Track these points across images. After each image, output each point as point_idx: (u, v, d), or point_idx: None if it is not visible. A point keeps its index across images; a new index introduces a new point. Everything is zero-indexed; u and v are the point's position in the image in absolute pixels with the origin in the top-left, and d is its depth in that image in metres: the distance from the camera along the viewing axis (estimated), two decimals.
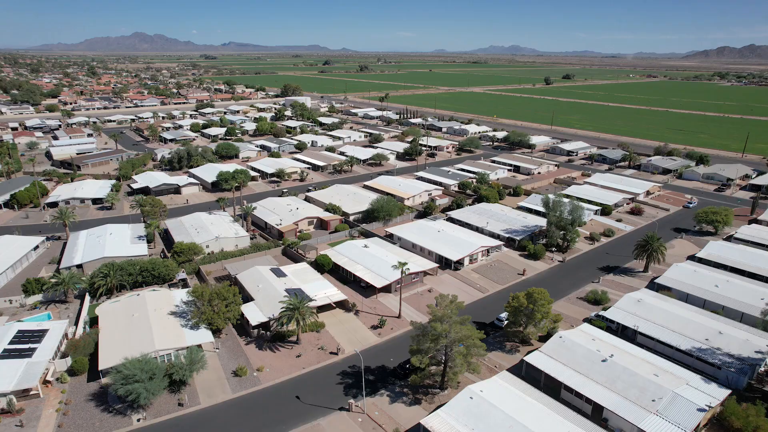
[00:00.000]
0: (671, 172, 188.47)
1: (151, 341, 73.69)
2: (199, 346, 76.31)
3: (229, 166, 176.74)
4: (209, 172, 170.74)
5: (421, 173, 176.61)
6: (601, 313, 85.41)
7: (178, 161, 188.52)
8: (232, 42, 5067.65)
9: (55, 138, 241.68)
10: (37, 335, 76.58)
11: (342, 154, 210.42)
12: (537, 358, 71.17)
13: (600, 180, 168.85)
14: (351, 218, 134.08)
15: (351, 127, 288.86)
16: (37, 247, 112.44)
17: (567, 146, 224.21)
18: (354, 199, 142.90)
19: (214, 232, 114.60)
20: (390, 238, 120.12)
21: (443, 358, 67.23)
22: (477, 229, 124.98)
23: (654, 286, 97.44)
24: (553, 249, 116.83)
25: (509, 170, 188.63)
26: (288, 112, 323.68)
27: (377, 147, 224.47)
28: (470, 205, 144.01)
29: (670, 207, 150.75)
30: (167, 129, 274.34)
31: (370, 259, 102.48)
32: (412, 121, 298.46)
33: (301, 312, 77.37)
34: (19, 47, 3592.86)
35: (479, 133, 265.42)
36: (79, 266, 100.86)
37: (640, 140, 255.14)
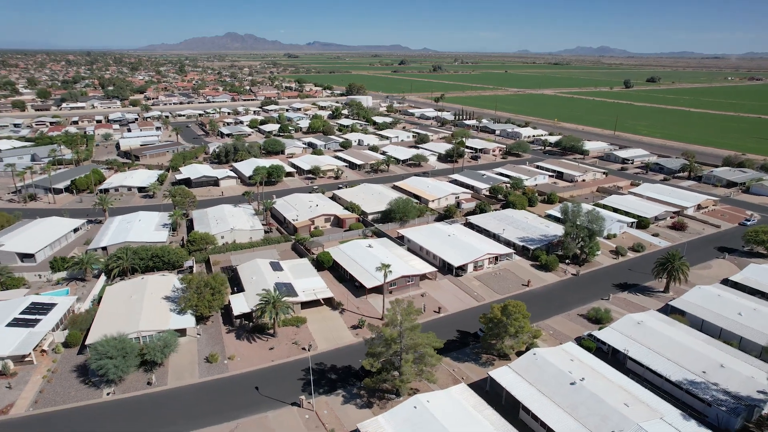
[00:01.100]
0: (737, 185, 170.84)
1: (137, 322, 78.69)
2: (182, 330, 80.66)
3: (270, 161, 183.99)
4: (249, 166, 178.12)
5: (455, 176, 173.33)
6: (595, 332, 79.69)
7: (225, 155, 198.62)
8: (317, 41, 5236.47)
9: (129, 130, 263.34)
10: (46, 308, 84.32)
11: (383, 153, 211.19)
12: (502, 374, 67.86)
13: (647, 190, 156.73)
14: (369, 217, 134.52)
15: (404, 127, 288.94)
16: (77, 229, 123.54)
17: (623, 153, 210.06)
18: (377, 198, 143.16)
19: (231, 224, 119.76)
20: (401, 239, 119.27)
21: (399, 363, 66.03)
22: (493, 236, 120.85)
23: (668, 308, 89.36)
24: (568, 261, 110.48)
25: (551, 176, 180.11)
26: (345, 111, 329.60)
27: (420, 148, 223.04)
28: (497, 210, 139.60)
29: (723, 224, 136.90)
30: (228, 124, 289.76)
31: (370, 259, 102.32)
32: (467, 122, 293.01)
33: (276, 306, 79.07)
34: (129, 47, 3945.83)
35: (532, 136, 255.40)
36: (104, 248, 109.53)
37: (713, 149, 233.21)
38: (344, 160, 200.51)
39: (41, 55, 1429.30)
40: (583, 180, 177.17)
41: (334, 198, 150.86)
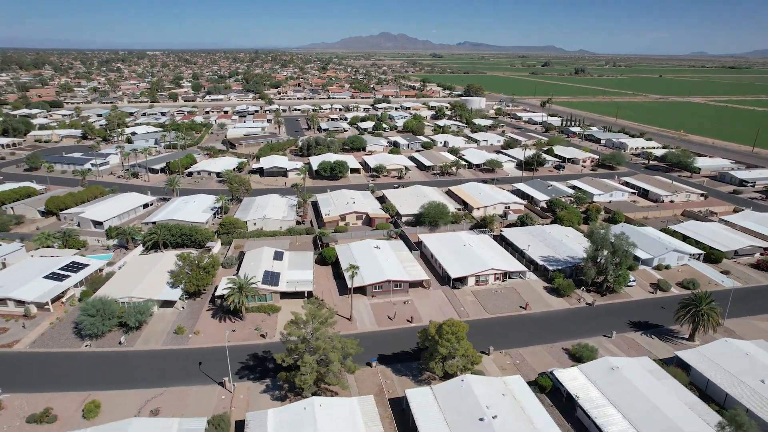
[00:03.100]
0: None
1: (132, 289, 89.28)
2: (171, 302, 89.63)
3: (344, 157, 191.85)
4: (320, 160, 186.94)
5: (520, 185, 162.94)
6: (557, 370, 70.72)
7: (307, 148, 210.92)
8: (467, 41, 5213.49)
9: (244, 121, 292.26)
10: (79, 267, 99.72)
11: (461, 157, 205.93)
12: (416, 396, 64.06)
13: (744, 219, 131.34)
14: (403, 219, 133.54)
15: (503, 131, 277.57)
16: (147, 204, 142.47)
17: (743, 174, 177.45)
18: (420, 201, 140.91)
19: (264, 212, 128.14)
20: (419, 244, 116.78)
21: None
22: (519, 252, 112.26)
23: (674, 359, 75.44)
24: (590, 288, 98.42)
25: (633, 193, 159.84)
26: (448, 112, 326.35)
27: (504, 153, 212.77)
28: (544, 224, 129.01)
29: None
30: (333, 120, 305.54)
31: (369, 260, 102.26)
32: (573, 129, 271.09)
33: (243, 291, 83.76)
34: (292, 46, 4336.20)
35: (640, 148, 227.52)
36: (154, 223, 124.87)
37: None
38: (416, 161, 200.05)
39: (219, 53, 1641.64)
40: (671, 201, 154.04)
41: (382, 197, 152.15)
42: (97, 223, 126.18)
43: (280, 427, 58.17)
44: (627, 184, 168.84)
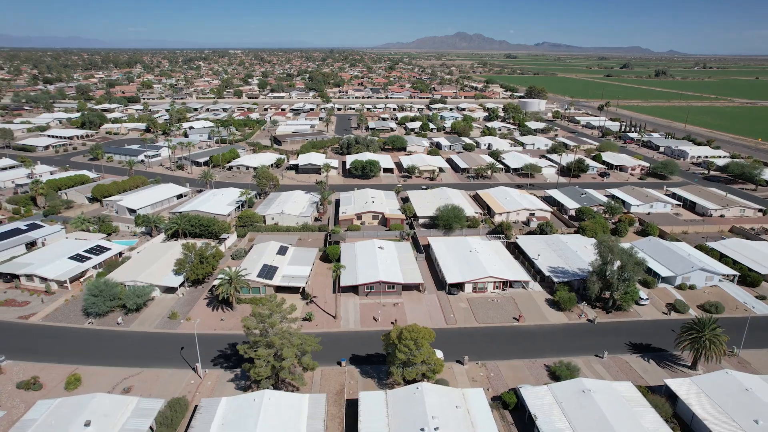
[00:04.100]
0: None
1: (139, 274, 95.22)
2: (173, 288, 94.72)
3: (382, 157, 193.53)
4: (355, 159, 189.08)
5: (552, 191, 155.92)
6: (523, 387, 67.35)
7: (347, 147, 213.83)
8: (546, 42, 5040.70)
9: (297, 119, 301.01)
10: (102, 251, 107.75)
11: (500, 160, 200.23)
12: (365, 398, 63.51)
13: None
14: (420, 221, 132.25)
15: (555, 135, 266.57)
16: (181, 195, 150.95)
17: None
18: (439, 204, 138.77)
19: (283, 208, 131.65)
20: (427, 247, 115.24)
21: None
22: (529, 261, 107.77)
23: (663, 388, 69.33)
24: (596, 304, 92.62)
25: (677, 205, 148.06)
26: (501, 114, 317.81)
27: (547, 158, 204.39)
28: (567, 234, 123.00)
29: None
30: (384, 119, 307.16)
31: (369, 260, 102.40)
32: (631, 135, 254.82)
33: (232, 283, 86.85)
34: (367, 45, 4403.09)
35: (702, 157, 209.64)
36: (181, 213, 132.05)
37: None
38: (452, 163, 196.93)
39: (296, 53, 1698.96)
40: (720, 215, 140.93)
41: (406, 198, 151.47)
42: (132, 211, 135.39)
43: (226, 415, 59.95)
44: (674, 195, 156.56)
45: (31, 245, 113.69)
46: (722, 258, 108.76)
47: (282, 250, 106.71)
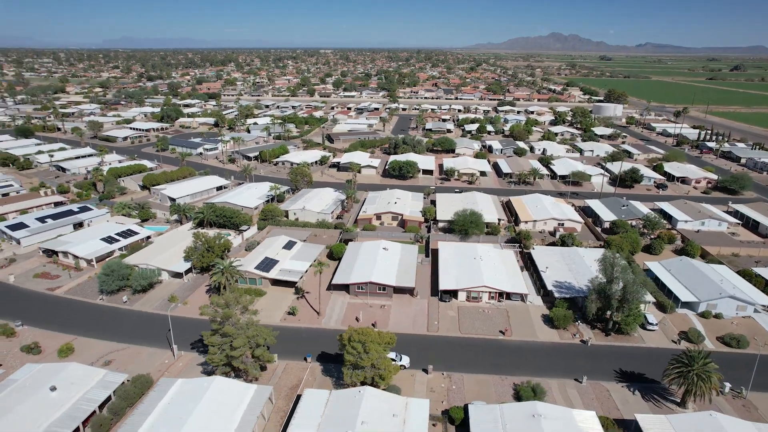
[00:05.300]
0: None
1: (154, 258, 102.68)
2: (180, 273, 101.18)
3: (426, 158, 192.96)
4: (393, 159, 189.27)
5: (590, 201, 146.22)
6: (472, 405, 64.46)
7: (394, 147, 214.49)
8: (649, 43, 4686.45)
9: (358, 118, 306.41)
10: (131, 234, 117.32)
11: (549, 166, 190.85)
12: (308, 397, 64.15)
13: None
14: (439, 225, 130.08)
15: (623, 142, 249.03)
16: (221, 187, 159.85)
17: None
18: (462, 208, 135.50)
19: (305, 204, 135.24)
20: (436, 251, 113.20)
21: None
22: (537, 274, 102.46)
23: (633, 424, 63.11)
24: (596, 325, 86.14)
25: (736, 224, 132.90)
26: (569, 118, 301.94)
27: (600, 165, 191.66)
28: (592, 247, 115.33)
29: None
30: (444, 120, 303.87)
31: (368, 260, 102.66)
32: (709, 144, 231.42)
33: (225, 273, 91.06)
34: (457, 46, 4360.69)
35: None
36: (213, 203, 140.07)
37: None
38: (497, 167, 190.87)
39: (383, 53, 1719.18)
40: None
41: (434, 200, 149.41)
42: (172, 199, 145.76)
43: (176, 395, 63.36)
44: (736, 213, 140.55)
45: (78, 225, 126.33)
46: (755, 278, 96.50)
47: (289, 245, 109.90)
